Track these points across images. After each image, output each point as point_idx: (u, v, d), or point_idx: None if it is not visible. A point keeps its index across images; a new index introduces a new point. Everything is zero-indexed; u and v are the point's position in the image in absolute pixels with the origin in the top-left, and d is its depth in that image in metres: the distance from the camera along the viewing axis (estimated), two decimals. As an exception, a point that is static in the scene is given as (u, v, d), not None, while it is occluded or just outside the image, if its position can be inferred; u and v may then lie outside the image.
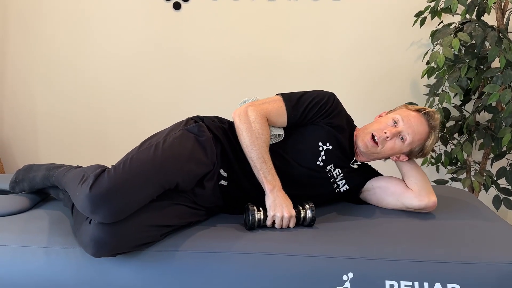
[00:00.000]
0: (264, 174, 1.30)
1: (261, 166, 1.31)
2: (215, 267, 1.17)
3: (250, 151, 1.32)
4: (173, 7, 2.60)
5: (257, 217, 1.28)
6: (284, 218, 1.27)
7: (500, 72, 1.99)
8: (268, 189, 1.30)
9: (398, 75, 2.60)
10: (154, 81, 2.73)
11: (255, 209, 1.28)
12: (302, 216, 1.30)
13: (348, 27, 2.58)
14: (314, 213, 1.30)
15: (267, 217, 1.29)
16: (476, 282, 1.12)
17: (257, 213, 1.28)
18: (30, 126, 2.85)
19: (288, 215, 1.27)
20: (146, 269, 1.17)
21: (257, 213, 1.28)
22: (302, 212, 1.30)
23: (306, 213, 1.30)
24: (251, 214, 1.27)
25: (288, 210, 1.27)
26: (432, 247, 1.19)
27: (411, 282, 1.12)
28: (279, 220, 1.27)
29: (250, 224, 1.27)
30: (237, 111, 1.38)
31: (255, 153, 1.31)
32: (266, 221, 1.29)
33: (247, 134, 1.33)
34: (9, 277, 1.19)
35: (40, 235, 1.26)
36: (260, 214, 1.28)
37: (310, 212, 1.29)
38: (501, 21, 2.12)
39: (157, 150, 1.24)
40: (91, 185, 1.12)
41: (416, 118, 1.43)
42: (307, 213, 1.29)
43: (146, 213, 1.19)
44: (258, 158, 1.31)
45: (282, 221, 1.27)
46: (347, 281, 1.13)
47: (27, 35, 2.74)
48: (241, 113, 1.36)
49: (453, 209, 1.46)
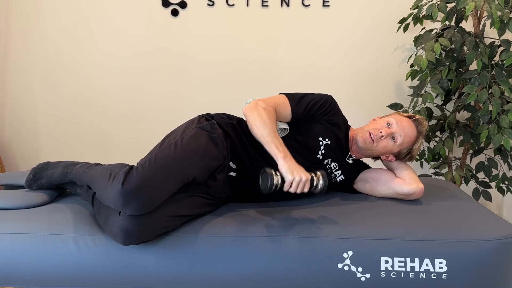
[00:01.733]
0: (276, 146, 1.37)
1: (273, 139, 1.38)
2: (229, 249, 1.30)
3: (262, 130, 1.40)
4: (171, 13, 2.70)
5: (275, 181, 1.32)
6: (301, 181, 1.31)
7: (477, 74, 2.15)
8: (282, 157, 1.35)
9: (384, 77, 2.72)
10: (153, 82, 2.81)
11: (273, 172, 1.33)
12: (314, 183, 1.35)
13: (337, 32, 2.70)
14: (326, 181, 1.36)
15: (283, 182, 1.34)
16: (459, 257, 1.27)
17: (275, 177, 1.32)
18: (31, 127, 2.90)
19: (305, 178, 1.31)
20: (167, 253, 1.29)
21: (275, 177, 1.32)
22: (315, 180, 1.35)
23: (319, 181, 1.35)
24: (270, 178, 1.31)
25: (304, 174, 1.32)
26: (420, 228, 1.34)
27: (403, 258, 1.27)
28: (296, 183, 1.31)
29: (269, 186, 1.31)
30: (247, 106, 1.48)
31: (267, 130, 1.39)
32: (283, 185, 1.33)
33: (258, 116, 1.42)
34: (41, 261, 1.29)
35: (66, 224, 1.37)
36: (277, 178, 1.33)
37: (322, 180, 1.35)
38: (477, 27, 2.28)
39: (176, 147, 1.36)
40: (122, 182, 1.23)
41: (408, 123, 1.60)
42: (320, 181, 1.35)
43: (168, 205, 1.30)
44: (269, 133, 1.38)
45: (298, 184, 1.32)
46: (347, 258, 1.27)
47: (28, 37, 2.79)
48: (251, 105, 1.46)
49: (437, 197, 1.61)
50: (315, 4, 2.66)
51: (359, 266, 1.27)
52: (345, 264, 1.27)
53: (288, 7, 2.67)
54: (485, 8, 1.94)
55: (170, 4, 2.70)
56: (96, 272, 1.29)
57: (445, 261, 1.27)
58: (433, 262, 1.27)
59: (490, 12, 1.92)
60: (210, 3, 2.68)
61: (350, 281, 1.27)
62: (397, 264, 1.27)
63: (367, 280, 1.27)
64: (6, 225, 1.35)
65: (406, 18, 2.47)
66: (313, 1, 2.65)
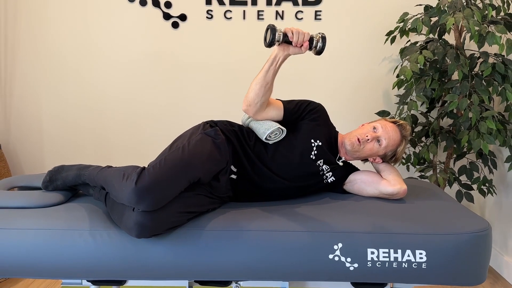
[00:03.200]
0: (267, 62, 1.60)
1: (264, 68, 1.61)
2: (230, 242, 1.43)
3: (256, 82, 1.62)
4: (172, 25, 2.84)
5: (277, 36, 1.48)
6: (300, 31, 1.50)
7: (459, 84, 2.31)
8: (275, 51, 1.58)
9: (373, 86, 2.87)
10: (153, 90, 2.94)
11: (277, 28, 1.49)
12: (314, 43, 1.53)
13: (328, 44, 2.85)
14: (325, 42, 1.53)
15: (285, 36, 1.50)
16: (438, 249, 1.41)
17: (278, 30, 1.49)
18: (35, 130, 3.01)
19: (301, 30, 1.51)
20: (176, 245, 1.42)
21: (278, 31, 1.49)
22: (315, 40, 1.53)
23: (318, 42, 1.53)
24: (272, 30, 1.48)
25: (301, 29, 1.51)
26: (403, 223, 1.47)
27: (387, 250, 1.41)
28: (296, 31, 1.50)
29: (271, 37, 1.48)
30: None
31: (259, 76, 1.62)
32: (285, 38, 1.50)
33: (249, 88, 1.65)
34: (61, 254, 1.42)
35: (83, 221, 1.49)
36: (280, 33, 1.49)
37: (321, 42, 1.53)
38: (458, 40, 2.45)
39: (184, 151, 1.49)
40: (136, 181, 1.36)
41: (392, 128, 1.76)
42: (319, 42, 1.53)
43: (177, 203, 1.43)
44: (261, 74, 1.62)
45: (298, 34, 1.50)
46: (337, 250, 1.41)
47: (35, 46, 2.91)
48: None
49: (420, 196, 1.75)
50: (308, 17, 2.81)
51: (348, 256, 1.41)
52: (335, 255, 1.41)
53: (283, 20, 2.82)
54: (464, 23, 2.11)
55: (171, 17, 2.84)
56: (112, 263, 1.41)
57: (425, 252, 1.41)
58: (414, 253, 1.41)
59: (469, 28, 2.09)
60: (209, 16, 2.83)
61: (340, 270, 1.41)
62: (382, 255, 1.41)
63: (355, 270, 1.41)
64: (28, 221, 1.47)
65: (393, 31, 2.63)
66: (306, 14, 2.81)
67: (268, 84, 1.61)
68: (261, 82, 1.61)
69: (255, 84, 1.62)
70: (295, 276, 1.45)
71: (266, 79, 1.60)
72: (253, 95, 1.63)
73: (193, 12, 2.83)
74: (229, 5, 2.80)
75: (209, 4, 2.81)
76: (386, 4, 2.78)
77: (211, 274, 1.45)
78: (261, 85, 1.61)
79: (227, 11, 2.81)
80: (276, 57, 1.58)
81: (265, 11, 2.80)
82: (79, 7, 2.86)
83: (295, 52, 1.57)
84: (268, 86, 1.62)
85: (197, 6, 2.82)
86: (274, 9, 2.80)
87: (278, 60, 1.59)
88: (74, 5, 2.86)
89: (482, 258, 1.46)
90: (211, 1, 2.80)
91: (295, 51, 1.56)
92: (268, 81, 1.61)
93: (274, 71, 1.60)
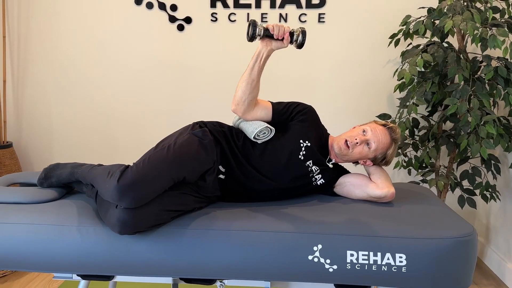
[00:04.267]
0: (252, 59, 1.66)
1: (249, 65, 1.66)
2: (212, 241, 1.45)
3: (242, 80, 1.67)
4: (177, 28, 2.90)
5: (258, 30, 1.55)
6: (281, 25, 1.57)
7: (459, 87, 2.29)
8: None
9: (377, 89, 2.86)
10: (158, 91, 2.99)
11: (257, 23, 1.56)
12: (294, 38, 1.58)
13: (331, 46, 2.86)
14: (305, 35, 1.58)
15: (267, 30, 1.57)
16: (419, 253, 1.40)
17: (259, 25, 1.56)
18: (45, 131, 3.11)
19: (281, 24, 1.59)
20: (159, 242, 1.45)
21: (259, 26, 1.56)
22: (295, 34, 1.58)
23: (299, 36, 1.59)
24: (253, 25, 1.55)
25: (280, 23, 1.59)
26: (384, 226, 1.47)
27: (367, 252, 1.41)
28: (277, 25, 1.57)
29: (252, 31, 1.55)
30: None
31: (245, 74, 1.67)
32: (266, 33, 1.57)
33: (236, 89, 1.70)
34: (50, 248, 1.47)
35: (72, 217, 1.54)
36: (261, 28, 1.56)
37: (301, 36, 1.58)
38: (461, 43, 2.43)
39: (169, 150, 1.53)
40: (118, 178, 1.40)
41: (382, 131, 1.75)
42: (299, 36, 1.58)
43: (160, 201, 1.46)
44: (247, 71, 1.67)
45: (279, 28, 1.57)
46: (317, 251, 1.42)
47: (45, 48, 3.01)
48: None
49: (409, 200, 1.74)
50: (311, 20, 2.82)
51: (327, 258, 1.42)
52: (314, 256, 1.42)
53: (286, 23, 2.83)
54: (461, 26, 2.09)
55: (177, 19, 2.90)
56: (98, 258, 1.46)
57: (405, 256, 1.40)
58: (394, 257, 1.40)
59: (466, 31, 2.07)
60: (213, 19, 2.87)
61: (319, 271, 1.42)
62: (361, 257, 1.41)
63: (334, 271, 1.42)
64: (20, 216, 1.53)
65: (396, 33, 2.61)
66: (309, 17, 2.82)
67: (254, 81, 1.64)
68: (247, 80, 1.64)
69: (241, 82, 1.66)
70: (276, 276, 1.46)
71: (251, 76, 1.64)
72: (240, 94, 1.67)
73: (198, 15, 2.88)
74: (233, 8, 2.84)
75: (214, 7, 2.85)
76: (391, 7, 2.77)
77: (194, 272, 1.48)
78: (247, 82, 1.64)
79: (231, 14, 2.85)
80: (260, 53, 1.63)
81: (268, 14, 2.83)
82: (88, 11, 2.94)
83: (278, 47, 1.62)
84: (255, 83, 1.65)
85: (202, 9, 2.87)
86: (277, 12, 2.82)
87: (262, 56, 1.63)
88: (84, 9, 2.94)
89: (466, 264, 1.45)
90: (216, 4, 2.85)
91: (277, 45, 1.62)
92: (254, 78, 1.64)
93: (259, 68, 1.64)
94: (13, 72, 3.05)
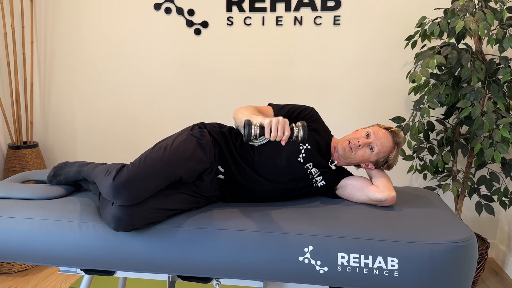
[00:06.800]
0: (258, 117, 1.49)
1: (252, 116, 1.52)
2: (205, 239, 1.48)
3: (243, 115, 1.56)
4: (194, 32, 2.95)
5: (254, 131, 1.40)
6: (279, 122, 1.38)
7: (473, 90, 2.22)
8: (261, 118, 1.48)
9: (393, 92, 2.81)
10: (177, 95, 3.05)
11: (252, 122, 1.41)
12: (295, 134, 1.41)
13: (347, 49, 2.84)
14: (305, 131, 1.40)
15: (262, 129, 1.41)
16: (411, 257, 1.37)
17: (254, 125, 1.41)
18: (70, 133, 3.23)
19: (282, 120, 1.39)
20: (154, 240, 1.49)
21: (254, 126, 1.41)
22: (295, 130, 1.41)
23: (299, 131, 1.41)
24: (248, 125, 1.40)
25: (282, 119, 1.39)
26: (378, 229, 1.45)
27: (358, 255, 1.39)
28: (275, 124, 1.38)
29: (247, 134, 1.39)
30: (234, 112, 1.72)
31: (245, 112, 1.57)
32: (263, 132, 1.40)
33: (239, 110, 1.63)
34: (50, 242, 1.54)
35: (74, 213, 1.61)
36: (257, 127, 1.41)
37: (302, 130, 1.40)
38: (478, 44, 2.35)
39: (165, 150, 1.56)
40: (114, 177, 1.45)
41: (384, 134, 1.73)
42: (300, 131, 1.41)
43: (156, 199, 1.50)
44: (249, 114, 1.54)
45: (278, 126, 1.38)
46: (307, 252, 1.42)
47: (70, 54, 3.13)
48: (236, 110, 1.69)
49: (412, 204, 1.71)
50: (326, 22, 2.81)
51: (318, 260, 1.41)
52: (305, 257, 1.42)
53: (301, 26, 2.84)
54: (473, 27, 2.03)
55: (194, 24, 2.95)
56: (96, 253, 1.51)
57: (397, 260, 1.38)
58: (386, 260, 1.38)
59: (477, 31, 2.01)
60: (229, 23, 2.91)
61: (310, 273, 1.42)
62: (352, 260, 1.39)
63: (325, 273, 1.41)
64: (26, 211, 1.61)
65: (412, 35, 2.56)
66: (324, 19, 2.81)
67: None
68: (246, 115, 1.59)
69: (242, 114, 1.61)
70: (268, 276, 1.47)
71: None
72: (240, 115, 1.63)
73: (215, 19, 2.92)
74: (248, 11, 2.86)
75: (230, 11, 2.89)
76: (407, 7, 2.72)
77: (189, 270, 1.50)
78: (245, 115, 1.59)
79: (247, 17, 2.88)
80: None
81: (283, 17, 2.84)
82: (108, 19, 3.04)
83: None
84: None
85: (218, 13, 2.91)
86: (293, 15, 2.83)
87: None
88: (104, 18, 3.04)
89: (463, 270, 1.40)
90: (232, 8, 2.88)
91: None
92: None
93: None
94: (40, 75, 3.19)
